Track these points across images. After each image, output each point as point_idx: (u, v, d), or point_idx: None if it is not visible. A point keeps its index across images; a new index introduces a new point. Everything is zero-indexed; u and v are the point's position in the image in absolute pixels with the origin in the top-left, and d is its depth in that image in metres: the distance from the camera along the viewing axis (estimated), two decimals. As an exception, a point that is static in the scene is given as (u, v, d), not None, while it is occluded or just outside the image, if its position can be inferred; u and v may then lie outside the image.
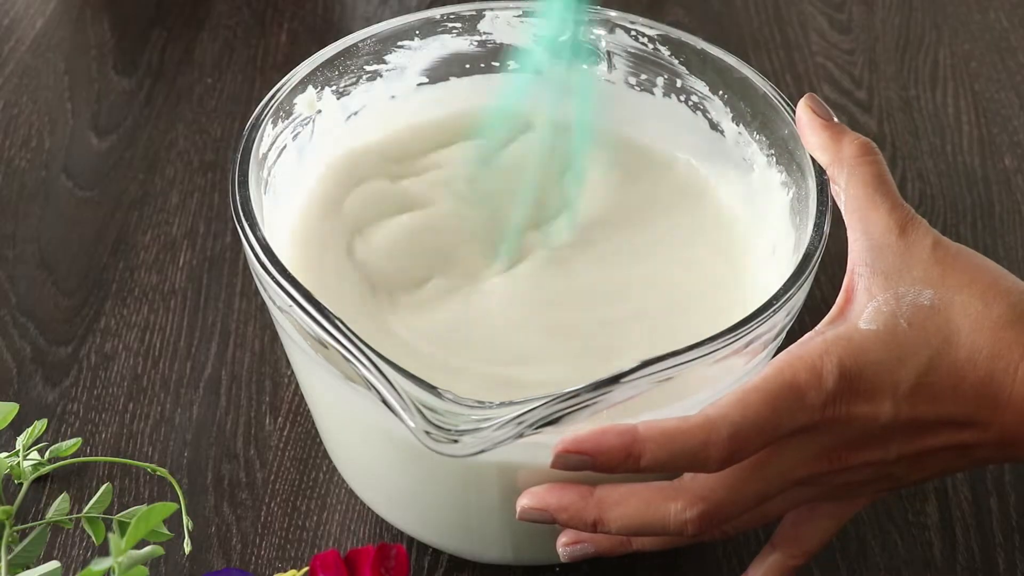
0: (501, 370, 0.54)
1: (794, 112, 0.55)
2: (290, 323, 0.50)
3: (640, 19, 0.62)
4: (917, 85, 0.85)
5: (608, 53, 0.63)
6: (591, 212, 0.61)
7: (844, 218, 0.51)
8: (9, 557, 0.52)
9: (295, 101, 0.58)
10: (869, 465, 0.48)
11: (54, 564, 0.50)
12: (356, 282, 0.57)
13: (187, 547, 0.56)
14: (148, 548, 0.48)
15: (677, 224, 0.61)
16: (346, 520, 0.60)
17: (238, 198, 0.52)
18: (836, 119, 0.54)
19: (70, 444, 0.60)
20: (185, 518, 0.56)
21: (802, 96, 0.55)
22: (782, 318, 0.50)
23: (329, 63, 0.60)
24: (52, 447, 0.60)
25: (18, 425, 0.60)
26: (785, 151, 0.57)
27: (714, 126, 0.62)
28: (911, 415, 0.47)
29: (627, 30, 0.62)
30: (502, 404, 0.45)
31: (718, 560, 0.59)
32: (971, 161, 0.79)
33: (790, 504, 0.50)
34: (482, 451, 0.45)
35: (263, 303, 0.66)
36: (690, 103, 0.62)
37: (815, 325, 0.49)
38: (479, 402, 0.45)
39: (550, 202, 0.61)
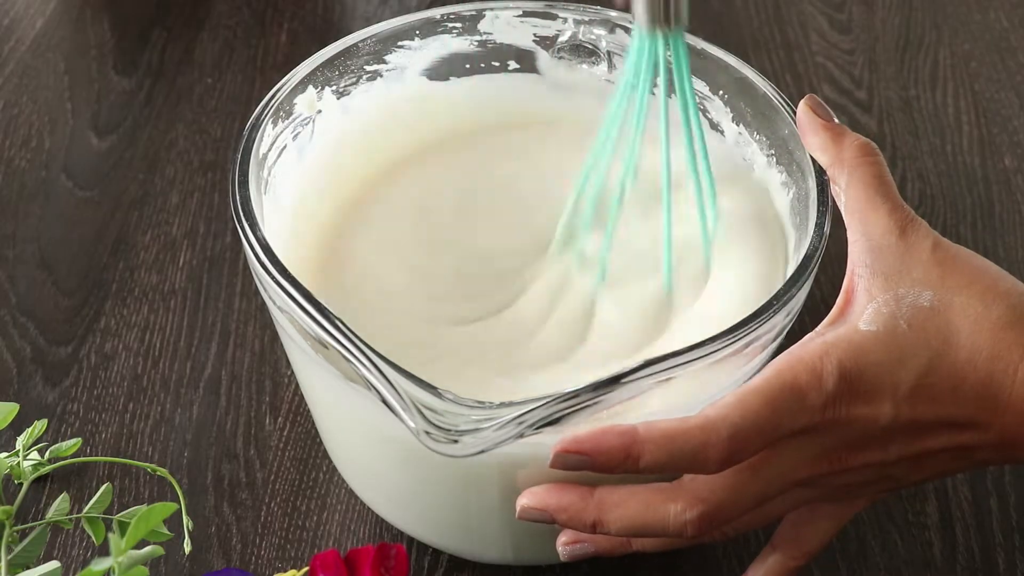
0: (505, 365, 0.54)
1: (794, 112, 0.55)
2: (290, 323, 0.50)
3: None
4: (917, 85, 0.85)
5: (608, 53, 0.63)
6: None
7: (844, 219, 0.51)
8: (9, 557, 0.52)
9: (295, 101, 0.58)
10: (869, 466, 0.48)
11: (54, 564, 0.50)
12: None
13: (187, 547, 0.56)
14: (148, 548, 0.48)
15: (675, 224, 0.61)
16: (346, 520, 0.60)
17: (238, 198, 0.52)
18: (836, 120, 0.54)
19: (70, 444, 0.60)
20: (185, 518, 0.56)
21: (802, 96, 0.55)
22: (782, 319, 0.50)
23: (329, 63, 0.60)
24: (52, 447, 0.60)
25: (18, 425, 0.60)
26: (785, 151, 0.57)
27: (714, 126, 0.62)
28: (911, 416, 0.47)
29: (627, 30, 0.62)
30: (502, 404, 0.45)
31: (718, 561, 0.59)
32: (971, 161, 0.79)
33: (790, 505, 0.50)
34: (482, 451, 0.45)
35: (263, 303, 0.65)
36: (690, 103, 0.62)
37: (815, 326, 0.49)
38: (479, 402, 0.45)
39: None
